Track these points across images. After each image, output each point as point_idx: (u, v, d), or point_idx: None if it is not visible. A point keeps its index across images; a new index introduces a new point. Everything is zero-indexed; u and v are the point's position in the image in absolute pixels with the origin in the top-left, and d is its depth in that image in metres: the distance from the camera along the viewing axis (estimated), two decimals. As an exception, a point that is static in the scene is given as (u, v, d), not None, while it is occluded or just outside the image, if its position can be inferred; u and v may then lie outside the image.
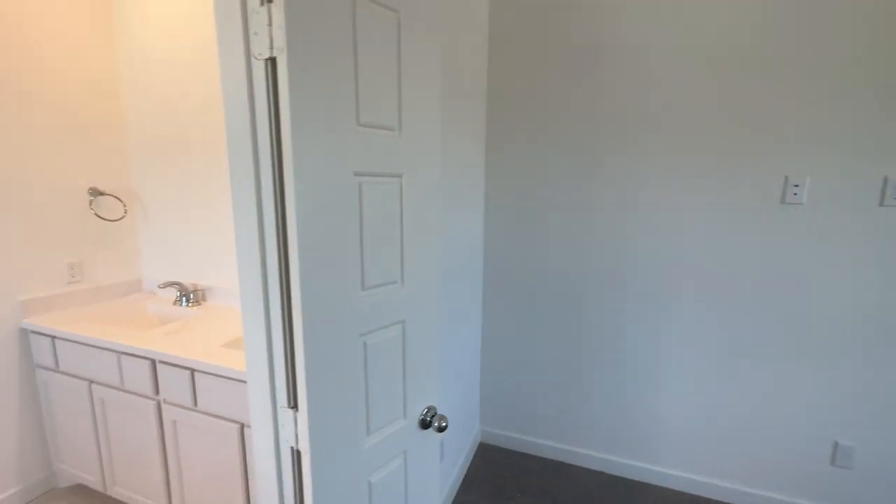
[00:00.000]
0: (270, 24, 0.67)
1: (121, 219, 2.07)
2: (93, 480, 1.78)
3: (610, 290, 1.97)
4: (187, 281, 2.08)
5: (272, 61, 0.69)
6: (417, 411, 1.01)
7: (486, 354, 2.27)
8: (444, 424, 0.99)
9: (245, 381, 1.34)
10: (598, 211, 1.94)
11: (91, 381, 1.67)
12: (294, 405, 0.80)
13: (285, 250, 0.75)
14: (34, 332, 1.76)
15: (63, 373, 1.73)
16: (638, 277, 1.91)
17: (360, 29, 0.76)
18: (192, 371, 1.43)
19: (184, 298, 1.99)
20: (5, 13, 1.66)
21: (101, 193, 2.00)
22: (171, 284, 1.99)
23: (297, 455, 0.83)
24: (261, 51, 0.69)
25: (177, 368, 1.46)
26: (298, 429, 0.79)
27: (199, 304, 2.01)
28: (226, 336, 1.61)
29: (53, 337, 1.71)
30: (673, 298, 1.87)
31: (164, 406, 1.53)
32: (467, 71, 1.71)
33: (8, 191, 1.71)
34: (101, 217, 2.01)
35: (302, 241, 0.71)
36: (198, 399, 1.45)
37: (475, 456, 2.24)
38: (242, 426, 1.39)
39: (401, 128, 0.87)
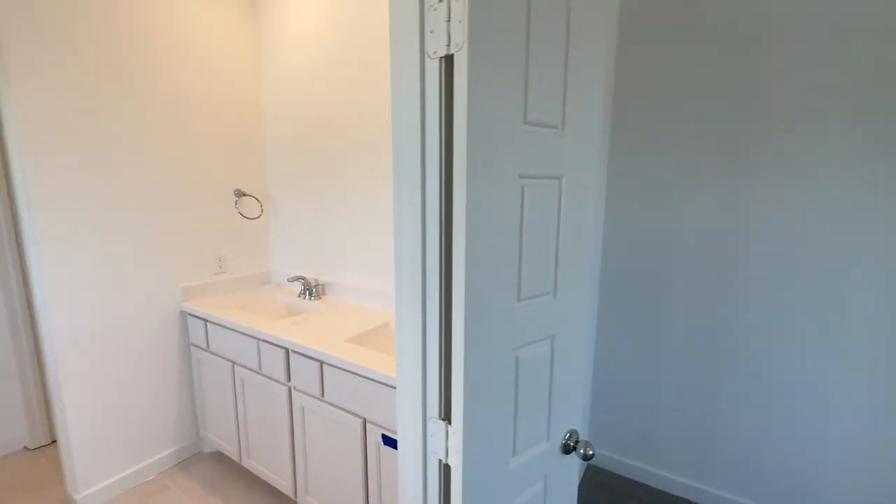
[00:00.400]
0: (449, 21, 0.64)
1: (258, 217, 2.30)
2: (230, 451, 2.00)
3: (759, 302, 1.68)
4: (310, 276, 2.24)
5: (447, 59, 0.66)
6: (560, 434, 0.93)
7: (599, 370, 2.10)
8: (590, 452, 0.90)
9: (372, 380, 1.37)
10: (747, 208, 1.66)
11: (234, 363, 1.86)
12: (446, 417, 0.77)
13: (447, 257, 0.72)
14: (191, 314, 2.02)
15: (212, 353, 1.96)
16: (800, 285, 1.61)
17: (534, 17, 0.70)
18: (321, 363, 1.51)
19: (307, 292, 2.14)
20: (178, 35, 1.92)
21: (244, 194, 2.24)
22: (297, 279, 2.16)
23: (445, 469, 0.80)
24: (436, 49, 0.66)
25: (307, 359, 1.55)
26: (450, 442, 0.76)
27: (320, 298, 2.14)
28: (349, 331, 1.68)
29: (206, 321, 1.95)
30: (853, 311, 1.53)
31: (294, 393, 1.64)
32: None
33: (175, 193, 1.98)
34: (243, 215, 2.25)
35: (469, 248, 0.67)
36: (325, 390, 1.53)
37: (584, 478, 2.08)
38: (365, 421, 1.43)
39: (564, 125, 0.79)
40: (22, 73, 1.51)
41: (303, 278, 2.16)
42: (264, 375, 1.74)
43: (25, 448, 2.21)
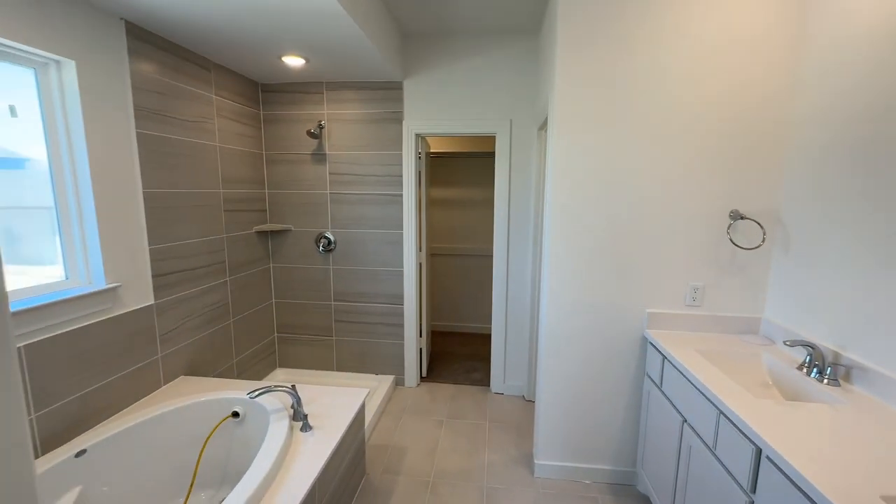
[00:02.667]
0: None
1: (756, 247, 1.78)
2: (662, 512, 1.72)
3: None
4: (826, 345, 1.48)
5: None
6: None
7: None
8: None
9: None
10: None
11: (684, 420, 1.55)
12: None
13: None
14: (651, 343, 1.88)
15: (664, 393, 1.74)
16: None
17: None
18: (818, 508, 0.91)
19: (815, 368, 1.42)
20: (700, 36, 1.72)
21: (742, 217, 1.79)
22: (802, 343, 1.48)
23: None
24: None
25: (794, 488, 0.99)
26: None
27: (838, 385, 1.36)
28: (893, 475, 0.92)
29: (664, 356, 1.74)
30: None
31: (757, 513, 1.12)
32: None
33: (655, 210, 1.86)
34: (735, 243, 1.81)
35: None
36: (815, 554, 0.92)
37: None
38: None
39: None
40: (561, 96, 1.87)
41: (811, 346, 1.45)
42: (717, 459, 1.32)
43: (523, 397, 2.96)
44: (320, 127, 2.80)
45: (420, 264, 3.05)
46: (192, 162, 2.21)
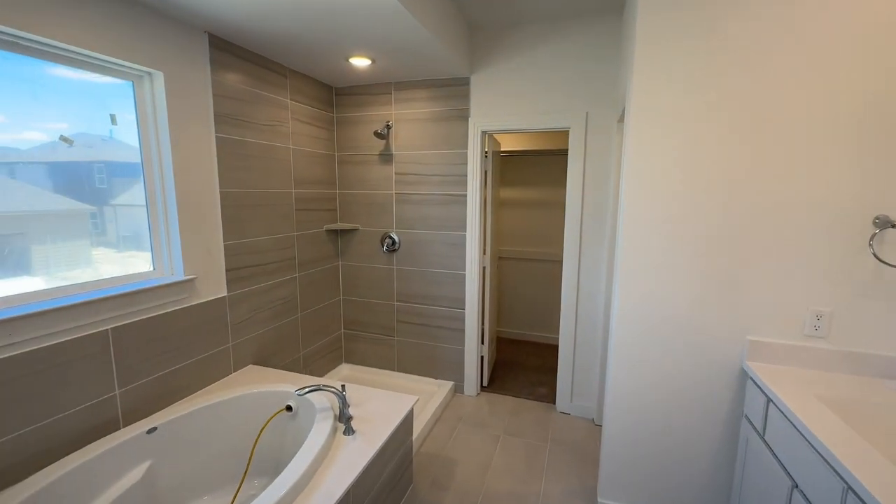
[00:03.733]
0: None
1: (913, 266, 1.34)
2: (759, 592, 1.37)
3: None
4: None
5: None
6: None
7: None
8: None
9: None
10: None
11: (794, 485, 1.20)
12: None
13: None
14: (752, 379, 1.52)
15: (767, 445, 1.38)
16: None
17: None
18: None
19: None
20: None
21: (893, 225, 1.35)
22: None
23: None
24: None
25: None
26: None
27: None
28: None
29: (768, 398, 1.39)
30: None
31: None
32: None
33: (764, 216, 1.49)
34: (880, 259, 1.38)
35: None
36: None
37: None
38: None
39: None
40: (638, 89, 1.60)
41: None
42: (842, 549, 0.98)
43: (592, 420, 2.66)
44: (387, 127, 2.81)
45: (484, 268, 2.91)
46: (265, 163, 2.35)
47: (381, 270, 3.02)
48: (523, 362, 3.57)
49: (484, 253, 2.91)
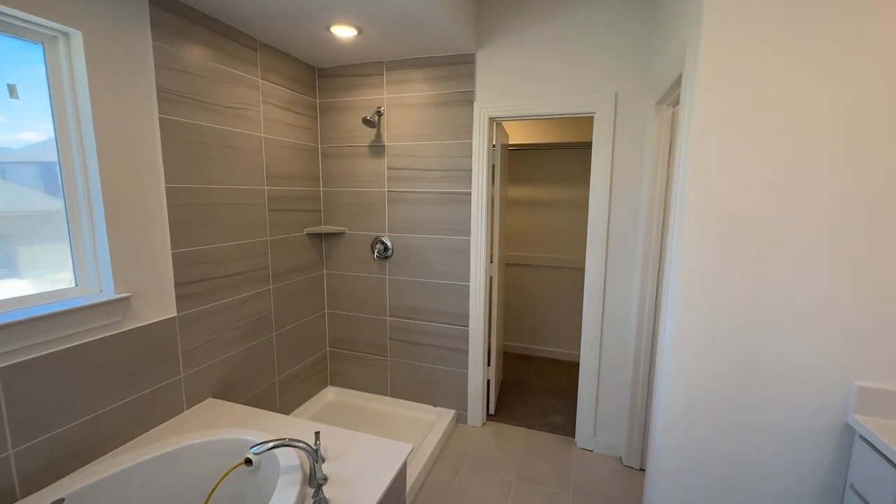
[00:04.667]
0: None
1: None
2: None
3: None
4: None
5: None
6: None
7: None
8: None
9: None
10: None
11: None
12: None
13: None
14: (864, 439, 1.12)
15: (901, 541, 0.98)
16: None
17: None
18: None
19: None
20: None
21: None
22: None
23: None
24: None
25: None
26: None
27: None
28: None
29: (891, 463, 0.99)
30: None
31: None
32: None
33: (875, 221, 1.10)
34: None
35: None
36: None
37: None
38: None
39: None
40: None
41: None
42: None
43: (620, 459, 2.25)
44: (378, 114, 2.40)
45: (490, 278, 2.51)
46: (229, 154, 1.94)
47: (372, 280, 2.61)
48: (533, 382, 3.16)
49: (491, 261, 2.51)
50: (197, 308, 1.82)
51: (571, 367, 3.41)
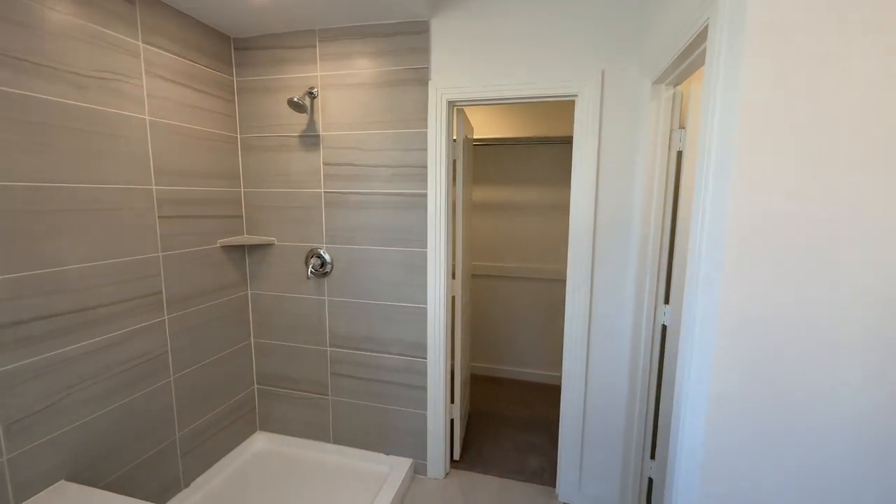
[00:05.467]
0: None
1: None
2: None
3: None
4: None
5: None
6: None
7: None
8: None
9: None
10: None
11: None
12: None
13: None
14: None
15: None
16: None
17: None
18: None
19: None
20: None
21: None
22: None
23: None
24: None
25: None
26: None
27: None
28: None
29: None
30: None
31: None
32: None
33: None
34: None
35: None
36: None
37: None
38: None
39: None
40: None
41: None
42: None
43: (610, 516, 1.87)
44: (310, 95, 1.92)
45: (453, 298, 2.08)
46: (94, 142, 1.41)
47: (308, 303, 2.12)
48: (506, 412, 2.75)
49: (453, 277, 2.07)
50: (33, 358, 1.28)
51: (549, 392, 3.02)
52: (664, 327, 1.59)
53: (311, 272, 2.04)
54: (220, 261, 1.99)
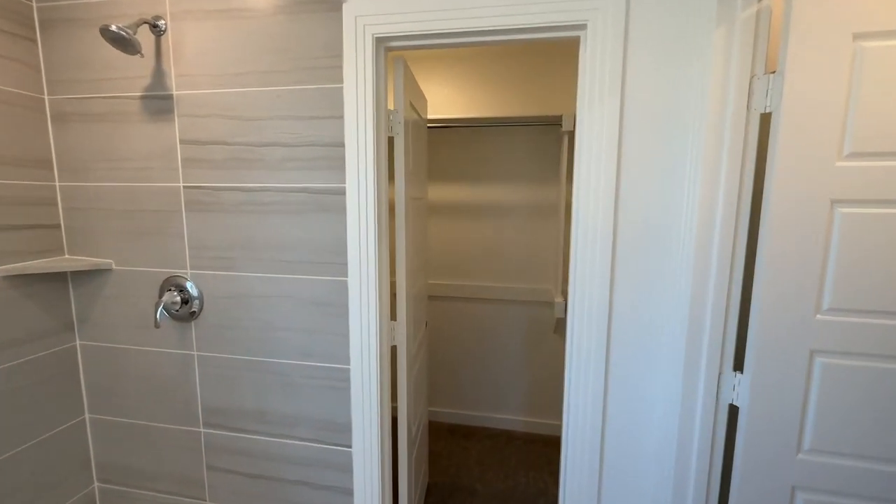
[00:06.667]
0: None
1: None
2: None
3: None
4: None
5: None
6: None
7: None
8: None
9: None
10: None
11: None
12: None
13: None
14: None
15: None
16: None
17: None
18: None
19: None
20: None
21: None
22: None
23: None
24: None
25: None
26: None
27: None
28: None
29: None
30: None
31: None
32: None
33: None
34: None
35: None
36: None
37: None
38: None
39: None
40: None
41: None
42: None
43: None
44: (157, 30, 1.19)
45: (394, 348, 1.37)
46: None
47: (168, 360, 1.36)
48: (476, 485, 2.06)
49: (393, 318, 1.37)
50: None
51: (533, 446, 2.37)
52: (732, 408, 0.95)
53: (164, 314, 1.29)
54: (21, 297, 1.22)
